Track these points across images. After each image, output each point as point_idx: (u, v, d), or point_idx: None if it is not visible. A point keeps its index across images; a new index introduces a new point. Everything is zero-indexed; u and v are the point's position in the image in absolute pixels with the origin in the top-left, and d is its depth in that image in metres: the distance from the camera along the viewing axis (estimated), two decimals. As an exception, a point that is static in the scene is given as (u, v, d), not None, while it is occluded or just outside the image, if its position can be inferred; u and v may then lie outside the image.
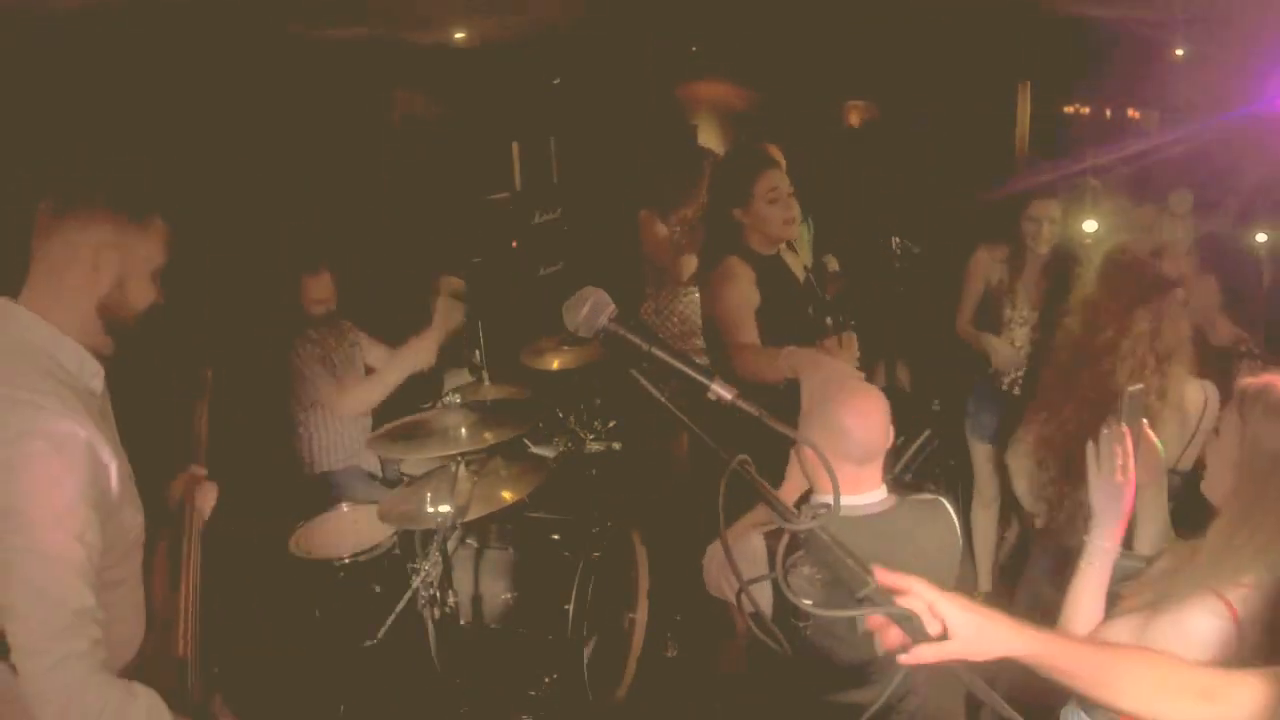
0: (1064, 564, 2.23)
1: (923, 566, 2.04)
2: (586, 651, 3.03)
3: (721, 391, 1.23)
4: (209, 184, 3.82)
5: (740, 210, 2.99)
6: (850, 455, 1.97)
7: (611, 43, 6.00)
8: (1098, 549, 1.79)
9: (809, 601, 1.54)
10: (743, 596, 1.52)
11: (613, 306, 1.31)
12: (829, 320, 3.02)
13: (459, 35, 5.12)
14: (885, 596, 1.26)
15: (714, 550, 2.18)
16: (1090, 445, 1.85)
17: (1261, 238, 3.38)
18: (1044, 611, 2.63)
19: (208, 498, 2.18)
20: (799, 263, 3.33)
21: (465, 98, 5.54)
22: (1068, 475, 2.42)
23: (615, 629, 3.32)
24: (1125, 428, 1.81)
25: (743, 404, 1.25)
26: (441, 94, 5.47)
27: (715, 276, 2.99)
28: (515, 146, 6.12)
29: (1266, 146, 4.36)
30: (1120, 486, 1.79)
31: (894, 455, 2.72)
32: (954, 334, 3.90)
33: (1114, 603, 1.78)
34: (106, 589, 1.67)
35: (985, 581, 3.94)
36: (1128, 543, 1.93)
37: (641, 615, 3.42)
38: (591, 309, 1.25)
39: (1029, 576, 2.74)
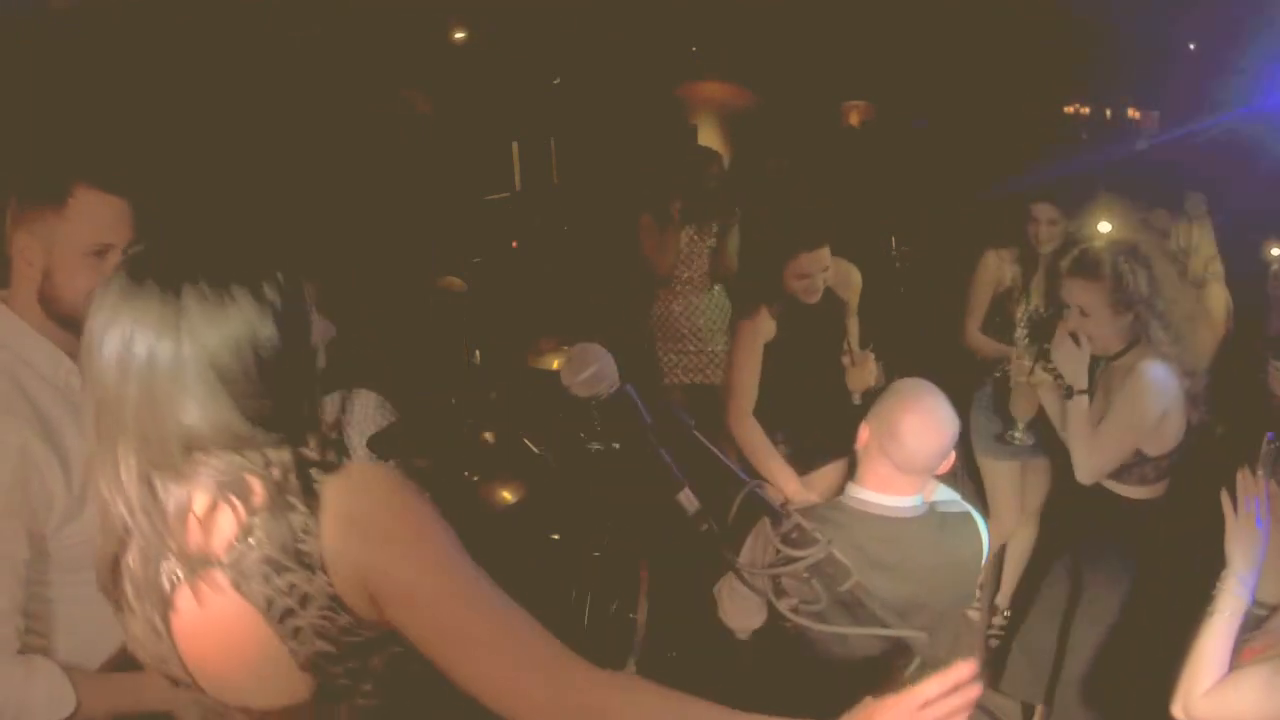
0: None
1: (944, 576, 2.04)
2: (587, 651, 3.03)
3: (685, 504, 1.22)
4: (206, 185, 3.82)
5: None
6: (892, 458, 1.98)
7: (611, 43, 6.00)
8: (1230, 599, 1.71)
9: (794, 599, 1.55)
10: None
11: (614, 379, 1.29)
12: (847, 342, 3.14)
13: (459, 35, 5.13)
14: (867, 593, 1.27)
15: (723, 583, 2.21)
16: (1224, 493, 1.79)
17: (1277, 252, 3.34)
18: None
19: None
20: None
21: (465, 98, 5.54)
22: None
23: (615, 629, 3.32)
24: (1262, 476, 1.77)
25: (705, 522, 1.23)
26: (441, 94, 5.47)
27: (740, 321, 3.14)
28: (515, 146, 6.12)
29: (1266, 147, 4.36)
30: (1258, 535, 1.74)
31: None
32: (956, 332, 3.87)
33: (1236, 653, 1.72)
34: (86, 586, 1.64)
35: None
36: None
37: (641, 615, 3.41)
38: (594, 376, 1.22)
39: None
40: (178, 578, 1.09)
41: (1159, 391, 2.46)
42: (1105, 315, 2.51)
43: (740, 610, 2.16)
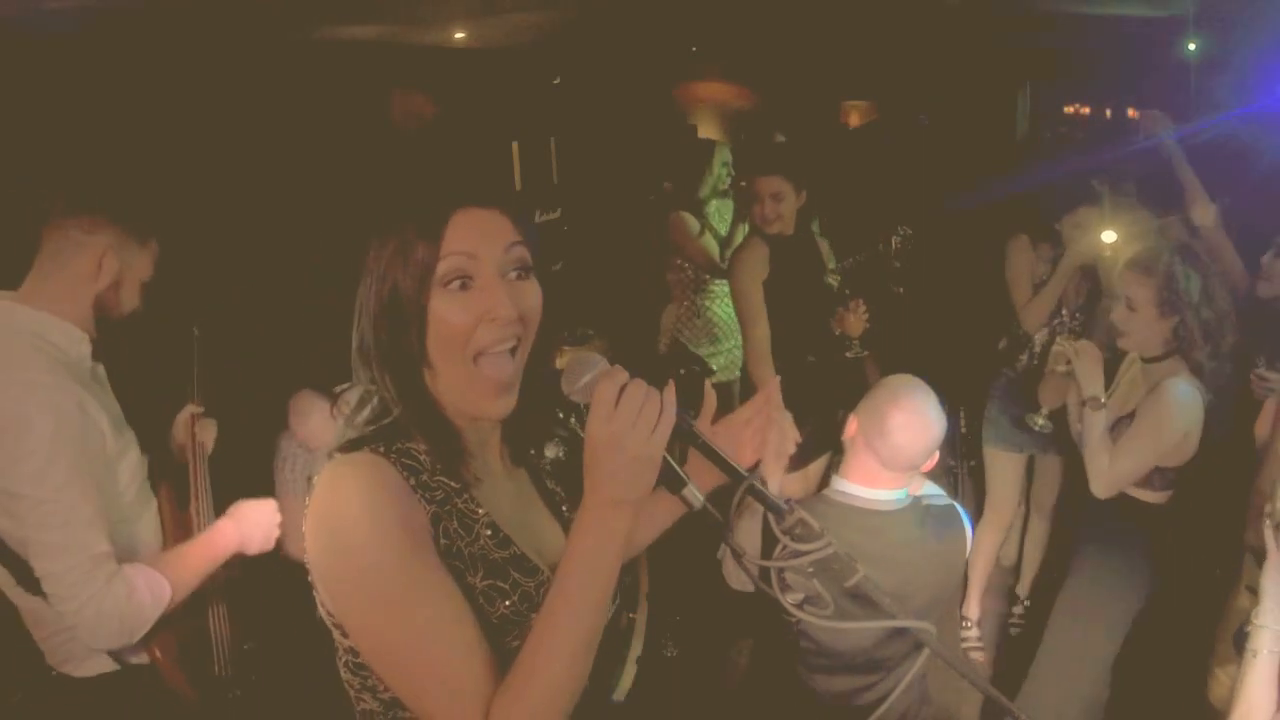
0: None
1: (928, 567, 2.05)
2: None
3: (690, 499, 1.22)
4: (207, 187, 3.82)
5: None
6: (878, 454, 2.00)
7: (611, 43, 6.00)
8: (1269, 636, 1.63)
9: (799, 595, 1.55)
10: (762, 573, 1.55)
11: None
12: (847, 291, 3.52)
13: (459, 35, 5.12)
14: (875, 586, 1.27)
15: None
16: (1269, 526, 1.71)
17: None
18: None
19: (209, 432, 2.31)
20: (826, 243, 3.75)
21: (465, 98, 5.54)
22: None
23: (615, 629, 3.31)
24: None
25: (710, 509, 1.24)
26: (441, 94, 5.46)
27: (735, 252, 3.52)
28: (515, 146, 6.11)
29: (1267, 147, 4.35)
30: None
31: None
32: (954, 334, 3.86)
33: None
34: (128, 523, 1.94)
35: (974, 609, 3.82)
36: None
37: (641, 615, 3.41)
38: (593, 382, 1.19)
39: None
40: None
41: (1183, 413, 2.46)
42: (1151, 314, 2.50)
43: (739, 580, 2.24)
